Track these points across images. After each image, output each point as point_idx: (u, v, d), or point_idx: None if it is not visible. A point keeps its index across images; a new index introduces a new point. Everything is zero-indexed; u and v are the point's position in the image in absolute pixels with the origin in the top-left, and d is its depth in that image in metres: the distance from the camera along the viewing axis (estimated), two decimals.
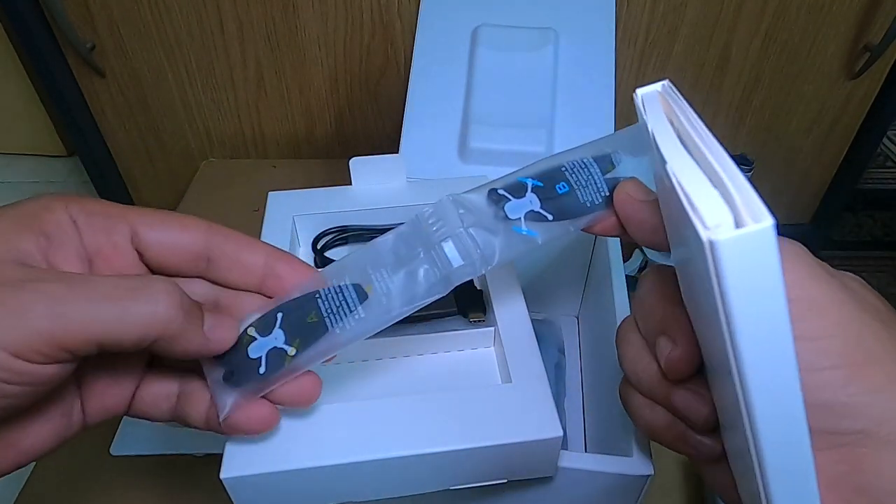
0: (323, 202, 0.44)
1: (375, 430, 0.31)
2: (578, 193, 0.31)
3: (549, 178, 0.31)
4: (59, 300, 0.22)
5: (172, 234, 0.28)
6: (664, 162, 0.22)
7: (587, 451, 0.51)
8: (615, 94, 0.56)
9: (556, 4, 0.62)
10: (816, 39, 0.79)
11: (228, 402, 0.28)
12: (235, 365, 0.28)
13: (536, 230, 0.30)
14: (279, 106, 0.86)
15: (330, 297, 0.29)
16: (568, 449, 0.44)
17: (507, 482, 0.34)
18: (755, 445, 0.21)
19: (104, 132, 0.89)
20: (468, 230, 0.30)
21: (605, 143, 0.32)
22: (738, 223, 0.19)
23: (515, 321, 0.37)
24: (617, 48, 0.59)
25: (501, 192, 0.31)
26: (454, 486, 0.34)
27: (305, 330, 0.29)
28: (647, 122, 0.25)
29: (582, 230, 0.31)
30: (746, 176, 0.19)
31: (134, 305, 0.24)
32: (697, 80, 0.83)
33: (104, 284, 0.24)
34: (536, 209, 0.31)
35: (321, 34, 0.79)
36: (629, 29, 0.78)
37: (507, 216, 0.30)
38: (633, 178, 0.30)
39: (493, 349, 0.39)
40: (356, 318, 0.29)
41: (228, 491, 0.30)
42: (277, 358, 0.28)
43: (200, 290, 0.29)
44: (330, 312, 0.29)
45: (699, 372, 0.27)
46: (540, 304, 0.59)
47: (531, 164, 0.32)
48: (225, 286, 0.29)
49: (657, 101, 0.26)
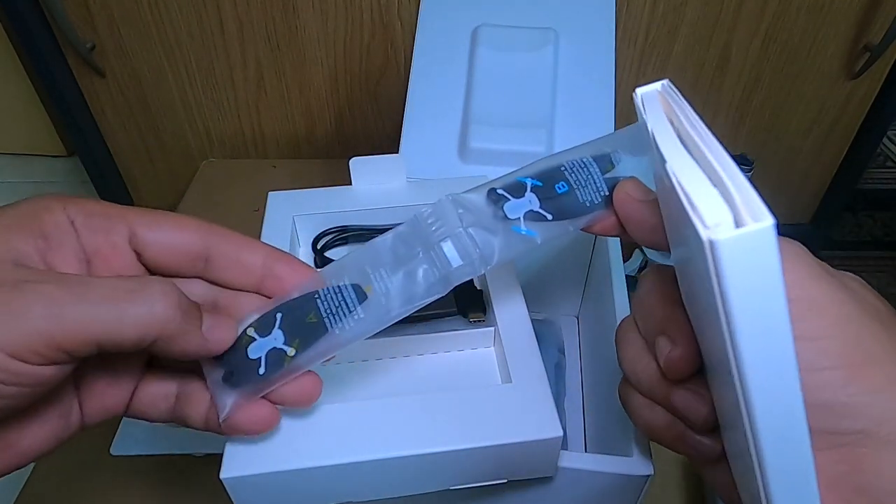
0: (323, 202, 0.44)
1: (375, 430, 0.31)
2: (578, 193, 0.31)
3: (548, 177, 0.31)
4: (56, 301, 0.22)
5: (170, 234, 0.28)
6: (664, 161, 0.22)
7: (587, 451, 0.51)
8: (615, 94, 0.56)
9: (556, 4, 0.62)
10: (816, 39, 0.79)
11: (228, 402, 0.28)
12: (235, 365, 0.28)
13: (536, 230, 0.30)
14: (279, 106, 0.86)
15: (329, 297, 0.29)
16: (568, 449, 0.44)
17: (507, 482, 0.34)
18: (755, 445, 0.21)
19: (104, 132, 0.89)
20: (467, 230, 0.30)
21: (604, 142, 0.32)
22: (738, 222, 0.19)
23: (515, 321, 0.37)
24: (617, 48, 0.59)
25: (501, 191, 0.31)
26: (454, 486, 0.34)
27: (305, 330, 0.29)
28: (646, 121, 0.25)
29: (581, 230, 0.31)
30: (746, 175, 0.19)
31: (132, 306, 0.23)
32: (697, 80, 0.83)
33: (102, 285, 0.24)
34: (536, 209, 0.31)
35: (321, 34, 0.79)
36: (629, 29, 0.78)
37: (506, 216, 0.30)
38: (632, 177, 0.30)
39: (493, 349, 0.38)
40: (355, 318, 0.29)
41: (228, 491, 0.30)
42: (277, 358, 0.28)
43: (199, 290, 0.29)
44: (329, 313, 0.29)
45: (699, 372, 0.27)
46: (540, 304, 0.59)
47: (530, 163, 0.32)
48: (223, 286, 0.29)
49: (657, 100, 0.26)
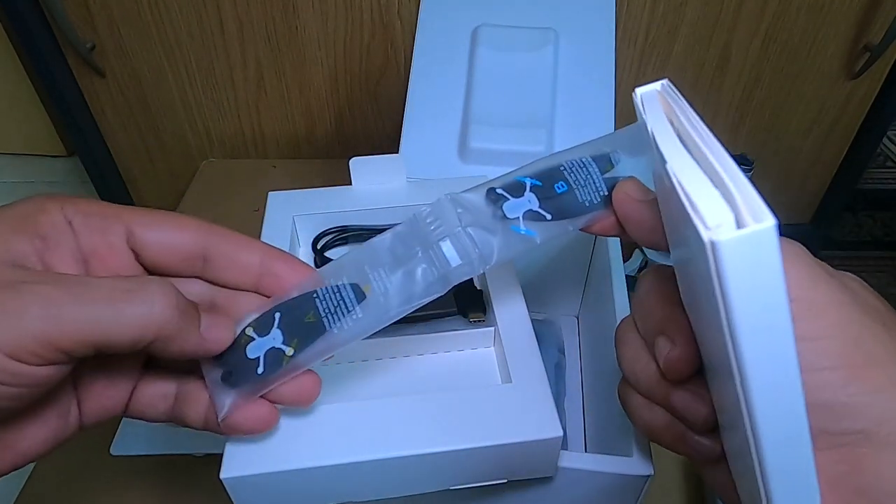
0: (323, 202, 0.44)
1: (375, 430, 0.31)
2: (577, 193, 0.31)
3: (547, 177, 0.31)
4: (54, 302, 0.22)
5: (168, 233, 0.28)
6: (664, 161, 0.22)
7: (587, 451, 0.50)
8: (615, 94, 0.56)
9: (556, 4, 0.62)
10: (816, 39, 0.79)
11: (227, 402, 0.28)
12: (234, 365, 0.28)
13: (535, 230, 0.30)
14: (279, 106, 0.86)
15: (328, 296, 0.29)
16: (568, 449, 0.44)
17: (507, 482, 0.34)
18: (756, 446, 0.21)
19: (104, 132, 0.89)
20: (466, 229, 0.30)
21: (603, 142, 0.32)
22: (739, 223, 0.19)
23: (515, 321, 0.37)
24: (617, 48, 0.59)
25: (500, 191, 0.31)
26: (454, 486, 0.33)
27: (303, 330, 0.29)
28: (646, 121, 0.25)
29: (580, 230, 0.31)
30: (747, 175, 0.19)
31: (129, 307, 0.23)
32: (697, 80, 0.82)
33: (100, 285, 0.23)
34: (535, 208, 0.30)
35: (321, 34, 0.79)
36: (629, 29, 0.78)
37: (505, 215, 0.30)
38: (631, 177, 0.30)
39: (493, 349, 0.38)
40: (354, 317, 0.29)
41: (228, 491, 0.30)
42: (275, 358, 0.28)
43: (197, 290, 0.29)
44: (328, 312, 0.29)
45: (698, 372, 0.27)
46: (540, 304, 0.59)
47: (530, 163, 0.32)
48: (222, 286, 0.29)
49: (656, 100, 0.26)
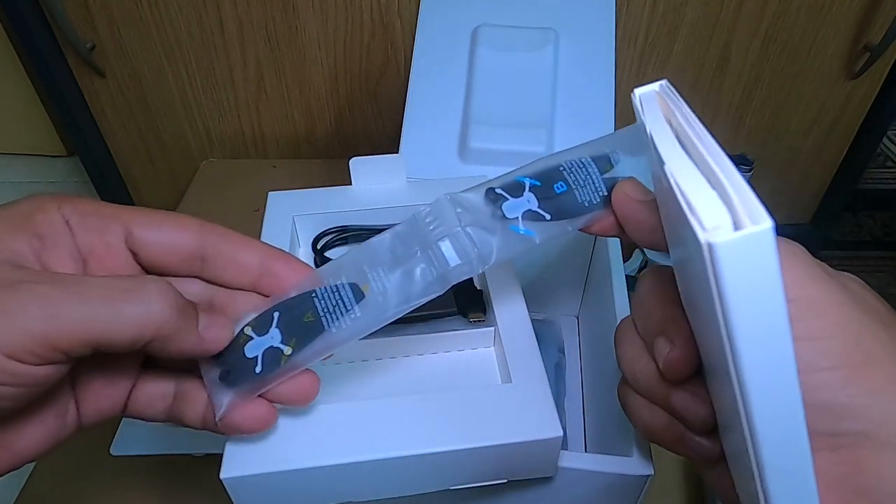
0: (323, 202, 0.44)
1: (375, 430, 0.31)
2: (576, 193, 0.31)
3: (547, 177, 0.31)
4: (52, 301, 0.22)
5: (166, 233, 0.28)
6: (662, 162, 0.22)
7: (587, 451, 0.50)
8: (615, 94, 0.56)
9: (556, 4, 0.62)
10: (816, 39, 0.78)
11: (225, 401, 0.28)
12: (232, 364, 0.28)
13: (534, 230, 0.30)
14: (279, 106, 0.86)
15: (326, 296, 0.29)
16: (568, 449, 0.44)
17: (507, 482, 0.34)
18: (754, 446, 0.21)
19: (104, 132, 0.89)
20: (465, 229, 0.30)
21: (603, 142, 0.32)
22: (736, 225, 0.19)
23: (515, 321, 0.37)
24: (617, 48, 0.59)
25: (499, 191, 0.31)
26: (454, 486, 0.33)
27: (302, 329, 0.29)
28: (644, 122, 0.25)
29: (580, 230, 0.31)
30: (745, 177, 0.19)
31: (127, 306, 0.23)
32: (697, 80, 0.82)
33: (98, 285, 0.23)
34: (534, 208, 0.30)
35: (321, 34, 0.79)
36: (629, 29, 0.78)
37: (504, 215, 0.30)
38: (631, 177, 0.30)
39: (493, 349, 0.38)
40: (353, 317, 0.29)
41: (228, 491, 0.30)
42: (274, 357, 0.28)
43: (195, 289, 0.29)
44: (326, 312, 0.29)
45: (698, 373, 0.27)
46: (540, 304, 0.59)
47: (529, 163, 0.32)
48: (221, 285, 0.29)
49: (655, 101, 0.26)
